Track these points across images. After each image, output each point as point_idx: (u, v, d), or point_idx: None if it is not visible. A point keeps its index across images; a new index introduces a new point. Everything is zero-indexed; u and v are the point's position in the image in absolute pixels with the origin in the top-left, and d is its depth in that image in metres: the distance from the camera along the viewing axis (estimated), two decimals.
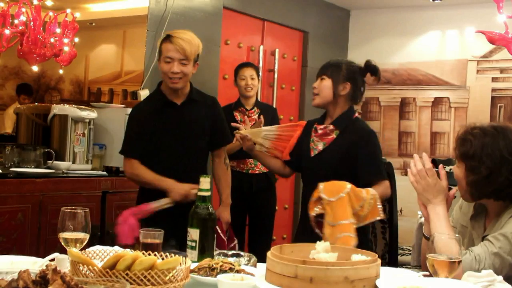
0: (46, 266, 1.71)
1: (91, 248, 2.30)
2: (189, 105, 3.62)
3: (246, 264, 2.43)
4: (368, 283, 1.90)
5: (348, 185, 3.02)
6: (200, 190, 2.44)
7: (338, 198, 2.93)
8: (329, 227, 2.93)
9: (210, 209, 2.42)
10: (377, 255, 2.03)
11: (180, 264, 2.02)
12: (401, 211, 4.49)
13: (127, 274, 1.82)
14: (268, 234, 5.47)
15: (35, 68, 5.29)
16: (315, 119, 3.71)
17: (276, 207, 5.95)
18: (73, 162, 4.40)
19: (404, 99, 7.41)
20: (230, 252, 2.56)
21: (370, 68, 3.54)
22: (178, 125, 3.57)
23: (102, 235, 4.03)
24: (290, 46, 7.09)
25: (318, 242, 2.14)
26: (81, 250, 2.22)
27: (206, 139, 3.69)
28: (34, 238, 3.80)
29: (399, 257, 4.05)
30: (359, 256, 2.03)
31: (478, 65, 6.95)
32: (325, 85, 3.45)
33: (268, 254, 2.01)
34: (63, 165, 4.25)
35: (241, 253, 2.55)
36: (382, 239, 3.83)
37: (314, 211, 3.02)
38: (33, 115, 4.63)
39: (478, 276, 2.11)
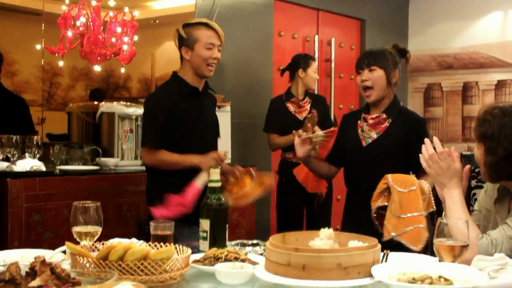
0: (35, 258, 1.75)
1: (110, 240, 2.35)
2: (205, 93, 3.69)
3: (261, 254, 2.43)
4: (364, 270, 1.87)
5: (416, 179, 2.97)
6: (211, 181, 2.45)
7: (410, 190, 2.87)
8: (395, 218, 2.86)
9: (221, 200, 2.42)
10: (377, 241, 1.99)
11: (178, 253, 2.05)
12: None
13: (119, 265, 1.85)
14: (327, 226, 5.42)
15: (97, 68, 5.40)
16: (355, 111, 3.68)
17: (339, 197, 5.91)
18: (122, 159, 4.47)
19: (466, 83, 7.21)
20: (249, 242, 2.57)
21: (401, 51, 3.48)
22: (200, 111, 3.60)
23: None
24: (347, 35, 7.01)
25: (322, 229, 2.12)
26: (97, 242, 2.27)
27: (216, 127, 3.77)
28: None
29: None
30: (356, 243, 2.00)
31: None
32: (379, 76, 3.36)
33: (267, 242, 2.01)
34: (110, 161, 4.32)
35: (260, 242, 2.55)
36: (431, 225, 3.77)
37: (378, 203, 2.97)
38: (83, 114, 4.73)
39: (488, 260, 2.04)
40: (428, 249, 3.04)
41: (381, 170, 3.32)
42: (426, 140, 2.50)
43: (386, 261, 2.16)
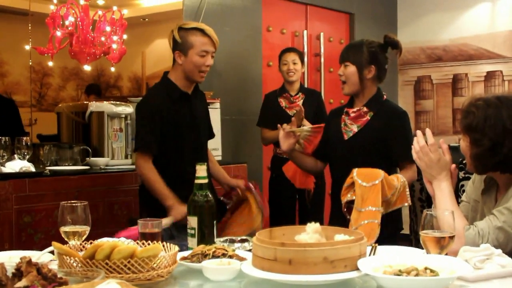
0: (21, 258, 1.75)
1: (98, 240, 2.35)
2: (196, 96, 3.67)
3: (250, 250, 2.43)
4: (350, 263, 1.87)
5: (382, 173, 2.99)
6: (197, 178, 2.44)
7: (371, 184, 2.90)
8: (356, 212, 2.90)
9: (208, 197, 2.42)
10: (363, 234, 1.99)
11: (166, 251, 2.05)
12: None
13: (106, 264, 1.86)
14: (319, 220, 5.41)
15: (87, 68, 5.39)
16: (340, 107, 3.71)
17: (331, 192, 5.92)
18: (112, 158, 4.46)
19: (456, 75, 7.23)
20: (238, 238, 2.57)
21: (390, 43, 3.49)
22: (191, 116, 3.59)
23: None
24: (336, 29, 7.01)
25: (308, 224, 2.12)
26: (86, 242, 2.26)
27: (209, 128, 3.79)
28: None
29: None
30: (342, 236, 2.00)
31: None
32: (351, 72, 3.43)
33: (253, 238, 2.01)
34: (101, 161, 4.31)
35: (249, 238, 2.55)
36: (412, 217, 3.79)
37: (347, 197, 2.99)
38: (72, 114, 4.72)
39: (474, 250, 2.06)
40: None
41: (363, 163, 3.34)
42: (418, 132, 2.51)
43: (374, 254, 2.16)
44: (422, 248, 2.23)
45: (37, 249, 2.61)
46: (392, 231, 3.27)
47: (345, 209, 2.98)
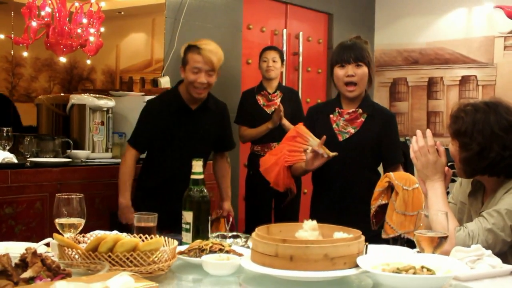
0: (26, 249, 1.75)
1: (91, 233, 2.36)
2: (202, 112, 3.81)
3: (243, 246, 2.46)
4: (349, 260, 1.91)
5: (416, 178, 2.91)
6: (193, 173, 2.46)
7: (414, 188, 2.85)
8: (399, 215, 2.79)
9: (203, 192, 2.44)
10: (360, 232, 2.03)
11: (165, 245, 2.07)
12: None
13: (109, 256, 1.87)
14: (295, 218, 5.46)
15: (62, 59, 5.34)
16: (322, 104, 3.67)
17: (305, 190, 5.96)
18: (93, 151, 4.45)
19: (431, 78, 7.34)
20: (229, 234, 2.60)
21: None
22: (188, 130, 3.76)
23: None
24: (314, 28, 7.06)
25: (305, 221, 2.15)
26: (79, 234, 2.27)
27: (211, 144, 3.95)
28: (53, 226, 3.84)
29: None
30: (341, 234, 2.04)
31: (505, 41, 6.82)
32: (364, 73, 3.32)
33: (253, 234, 2.03)
34: (82, 154, 4.30)
35: (240, 234, 2.59)
36: None
37: (378, 201, 2.95)
38: (52, 106, 4.69)
39: (466, 251, 2.11)
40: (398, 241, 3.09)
41: (355, 165, 3.35)
42: (418, 131, 2.54)
43: (366, 252, 2.20)
44: (412, 248, 2.28)
45: (17, 240, 2.62)
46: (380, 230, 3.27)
47: (374, 213, 2.93)
